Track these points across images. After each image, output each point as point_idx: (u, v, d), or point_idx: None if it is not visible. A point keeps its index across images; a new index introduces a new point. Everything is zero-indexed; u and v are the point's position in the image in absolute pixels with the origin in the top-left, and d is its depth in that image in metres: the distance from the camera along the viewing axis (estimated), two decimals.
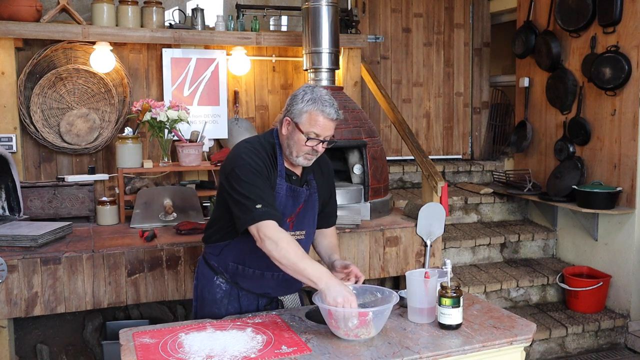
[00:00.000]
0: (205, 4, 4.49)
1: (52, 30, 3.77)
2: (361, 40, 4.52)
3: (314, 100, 2.07)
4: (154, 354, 1.80)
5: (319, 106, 2.06)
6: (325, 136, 2.10)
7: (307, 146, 2.09)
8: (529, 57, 4.88)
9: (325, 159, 2.36)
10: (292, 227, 2.21)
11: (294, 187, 2.19)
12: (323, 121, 2.07)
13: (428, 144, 5.59)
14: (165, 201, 3.58)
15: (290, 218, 2.20)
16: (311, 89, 2.11)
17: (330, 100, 2.08)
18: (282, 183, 2.16)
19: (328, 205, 2.38)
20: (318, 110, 2.06)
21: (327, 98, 2.08)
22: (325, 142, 2.12)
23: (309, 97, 2.08)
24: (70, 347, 3.43)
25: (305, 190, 2.23)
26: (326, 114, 2.06)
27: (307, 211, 2.25)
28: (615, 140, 4.13)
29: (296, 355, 1.79)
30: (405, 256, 3.54)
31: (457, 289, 1.98)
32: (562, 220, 4.68)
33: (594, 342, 4.03)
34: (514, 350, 1.99)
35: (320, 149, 2.13)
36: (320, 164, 2.30)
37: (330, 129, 2.10)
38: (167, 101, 3.85)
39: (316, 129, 2.07)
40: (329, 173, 2.36)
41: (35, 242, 2.92)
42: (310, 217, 2.28)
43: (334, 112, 2.07)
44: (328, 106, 2.06)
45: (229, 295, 2.26)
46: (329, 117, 2.07)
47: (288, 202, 2.17)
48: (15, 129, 3.81)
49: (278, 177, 2.15)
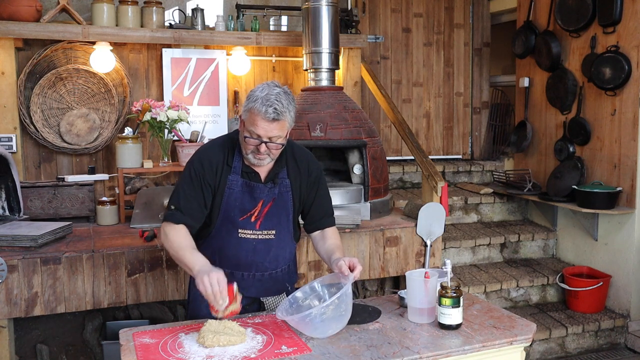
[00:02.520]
0: (205, 4, 4.49)
1: (52, 30, 3.77)
2: (361, 40, 4.52)
3: (257, 99, 2.01)
4: (154, 354, 1.80)
5: (258, 105, 1.99)
6: (269, 137, 2.03)
7: (248, 145, 2.07)
8: (529, 57, 4.88)
9: (306, 158, 2.28)
10: (259, 225, 2.19)
11: (250, 183, 2.16)
12: (260, 121, 2.00)
13: (428, 144, 5.59)
14: (165, 201, 3.58)
15: (255, 216, 2.17)
16: (264, 86, 2.05)
17: (276, 101, 1.99)
18: (236, 179, 2.15)
19: (314, 206, 2.30)
20: (257, 109, 2.00)
21: (272, 98, 1.99)
22: (270, 144, 2.05)
23: (257, 94, 2.02)
24: (70, 347, 3.43)
25: (268, 189, 2.18)
26: (262, 113, 1.98)
27: (278, 210, 2.21)
28: (615, 140, 4.13)
29: (296, 355, 1.79)
30: (405, 256, 3.54)
31: (457, 289, 1.98)
32: (562, 220, 4.68)
33: (594, 342, 4.03)
34: (514, 350, 1.99)
35: (264, 149, 2.06)
36: (298, 162, 2.24)
37: (273, 130, 2.02)
38: (167, 101, 3.85)
39: (254, 128, 2.02)
40: (309, 172, 2.27)
41: (35, 242, 2.92)
42: (283, 217, 2.23)
43: (272, 112, 1.98)
44: (267, 105, 1.98)
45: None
46: (265, 117, 1.99)
47: (244, 197, 2.16)
48: (15, 129, 3.81)
49: (232, 173, 2.15)
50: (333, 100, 3.79)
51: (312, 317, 1.86)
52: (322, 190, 2.32)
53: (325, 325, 1.90)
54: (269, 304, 2.29)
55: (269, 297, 2.30)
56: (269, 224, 2.20)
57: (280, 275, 2.30)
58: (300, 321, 1.88)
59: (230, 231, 2.18)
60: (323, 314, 1.87)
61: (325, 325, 1.89)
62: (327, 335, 1.92)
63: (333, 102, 3.78)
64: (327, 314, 1.87)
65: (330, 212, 2.36)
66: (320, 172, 2.32)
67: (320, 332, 1.91)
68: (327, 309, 1.87)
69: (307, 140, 3.61)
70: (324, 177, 2.35)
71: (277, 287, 2.31)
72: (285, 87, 2.09)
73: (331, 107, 3.74)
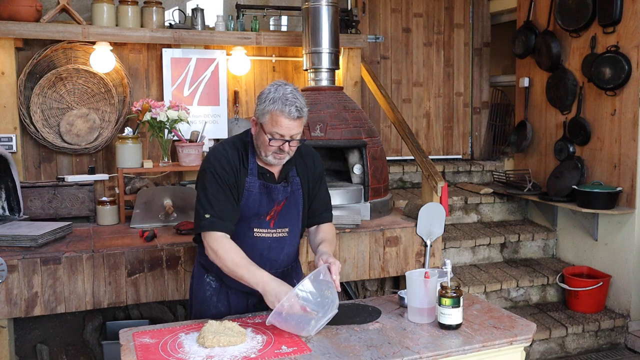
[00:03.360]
0: (205, 4, 4.49)
1: (52, 30, 3.77)
2: (361, 40, 4.52)
3: (275, 100, 2.03)
4: (154, 354, 1.80)
5: (280, 106, 2.02)
6: (291, 135, 2.07)
7: (272, 146, 2.08)
8: (529, 57, 4.88)
9: (310, 153, 2.33)
10: (273, 224, 2.20)
11: (268, 185, 2.17)
12: (284, 121, 2.03)
13: (428, 144, 5.59)
14: (165, 201, 3.58)
15: (270, 215, 2.19)
16: (276, 87, 2.08)
17: (294, 99, 2.03)
18: (253, 181, 2.16)
19: (316, 201, 2.33)
20: (278, 110, 2.02)
21: (290, 96, 2.03)
22: (292, 141, 2.09)
23: (272, 96, 2.04)
24: (70, 347, 3.43)
25: (283, 188, 2.20)
26: (286, 113, 2.02)
27: (290, 208, 2.23)
28: (615, 140, 4.13)
29: (296, 355, 1.79)
30: (405, 256, 3.54)
31: (457, 289, 1.98)
32: (562, 220, 4.68)
33: (594, 342, 4.03)
34: (514, 350, 1.99)
35: (287, 148, 2.09)
36: (304, 158, 2.28)
37: (295, 128, 2.07)
38: (167, 101, 3.85)
39: (278, 129, 2.05)
40: (315, 167, 2.31)
41: (35, 242, 2.93)
42: (294, 214, 2.25)
43: (294, 110, 2.02)
44: (289, 105, 2.02)
45: (218, 293, 2.25)
46: (290, 117, 2.03)
47: (262, 198, 2.17)
48: (15, 129, 3.81)
49: (249, 175, 2.15)
50: (333, 100, 3.79)
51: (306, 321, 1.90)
52: (324, 186, 2.37)
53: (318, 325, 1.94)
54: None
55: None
56: (282, 223, 2.22)
57: (291, 271, 2.34)
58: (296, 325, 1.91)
59: (245, 231, 2.19)
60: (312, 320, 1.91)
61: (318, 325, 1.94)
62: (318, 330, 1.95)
63: (333, 102, 3.78)
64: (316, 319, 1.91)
65: (329, 207, 2.39)
66: (323, 168, 2.36)
67: (313, 331, 1.94)
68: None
69: (306, 141, 3.61)
70: (324, 173, 2.40)
71: (288, 283, 2.30)
72: (292, 84, 2.12)
73: (331, 107, 3.74)
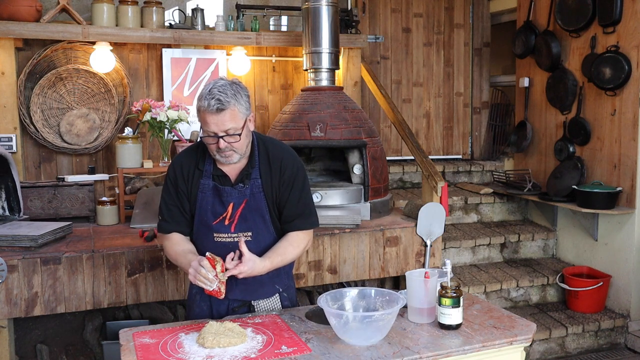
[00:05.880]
0: (205, 4, 4.49)
1: (52, 30, 3.77)
2: (361, 40, 4.52)
3: (200, 97, 1.98)
4: (154, 354, 1.80)
5: (202, 102, 1.96)
6: (224, 130, 1.97)
7: (210, 144, 2.04)
8: (529, 57, 4.88)
9: (279, 156, 2.16)
10: (234, 228, 2.12)
11: (219, 187, 2.12)
12: (208, 116, 1.96)
13: (428, 144, 5.59)
14: None
15: (229, 219, 2.12)
16: (209, 83, 2.01)
17: (218, 92, 1.94)
18: (207, 183, 2.14)
19: (288, 207, 2.16)
20: (202, 106, 1.96)
21: (215, 90, 1.95)
22: (227, 137, 1.98)
23: (200, 93, 1.99)
24: (70, 347, 3.43)
25: (237, 190, 2.11)
26: (206, 107, 1.94)
27: (252, 211, 2.13)
28: (615, 140, 4.13)
29: (296, 355, 1.79)
30: (405, 256, 3.54)
31: (457, 289, 1.98)
32: (562, 220, 4.68)
33: (594, 342, 4.03)
34: (514, 350, 1.99)
35: (223, 144, 1.99)
36: (270, 160, 2.14)
37: (224, 122, 1.96)
38: (167, 101, 3.85)
39: (206, 126, 1.99)
40: (281, 171, 2.14)
41: (35, 242, 2.93)
42: (258, 218, 2.14)
43: (214, 103, 1.93)
44: (209, 99, 1.94)
45: (201, 292, 2.16)
46: (210, 111, 1.94)
47: (215, 200, 2.13)
48: (15, 129, 3.81)
49: (203, 177, 2.14)
50: (333, 100, 3.79)
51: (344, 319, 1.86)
52: (297, 191, 2.16)
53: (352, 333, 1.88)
54: (260, 308, 2.24)
55: (260, 300, 2.24)
56: (244, 226, 2.14)
57: (267, 277, 2.18)
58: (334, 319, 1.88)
59: (206, 235, 2.16)
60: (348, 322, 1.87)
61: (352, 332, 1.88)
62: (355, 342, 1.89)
63: (333, 102, 3.78)
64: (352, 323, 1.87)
65: (304, 213, 2.19)
66: (296, 172, 2.17)
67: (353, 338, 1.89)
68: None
69: (307, 140, 3.62)
70: (303, 177, 2.20)
71: (266, 289, 2.24)
72: (234, 79, 2.04)
73: (331, 107, 3.74)
